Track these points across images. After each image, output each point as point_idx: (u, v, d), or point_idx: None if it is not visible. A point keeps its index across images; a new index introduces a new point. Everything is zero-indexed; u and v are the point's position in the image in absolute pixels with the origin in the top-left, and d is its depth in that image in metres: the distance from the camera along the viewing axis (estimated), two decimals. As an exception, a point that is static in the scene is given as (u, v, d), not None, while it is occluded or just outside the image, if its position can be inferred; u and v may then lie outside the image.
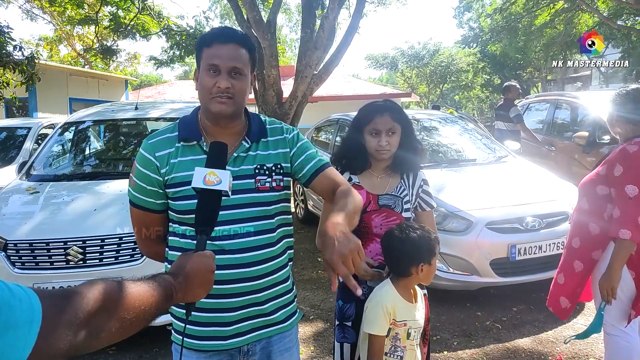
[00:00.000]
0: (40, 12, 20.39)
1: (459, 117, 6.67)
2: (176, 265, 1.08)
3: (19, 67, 8.62)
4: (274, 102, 7.01)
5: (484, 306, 3.95)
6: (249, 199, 1.47)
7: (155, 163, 1.46)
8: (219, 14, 28.74)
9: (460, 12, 31.02)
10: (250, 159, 1.50)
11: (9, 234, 3.18)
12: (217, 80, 1.39)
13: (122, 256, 3.16)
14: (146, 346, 3.36)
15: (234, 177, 1.44)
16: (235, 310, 1.48)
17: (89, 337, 0.75)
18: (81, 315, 0.74)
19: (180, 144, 1.47)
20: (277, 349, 1.57)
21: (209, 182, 1.16)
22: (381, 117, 1.94)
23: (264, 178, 1.49)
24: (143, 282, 0.92)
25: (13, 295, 0.66)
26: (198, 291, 1.07)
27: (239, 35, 1.46)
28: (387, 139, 1.92)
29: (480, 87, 33.01)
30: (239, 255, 1.45)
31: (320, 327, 3.72)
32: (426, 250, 1.78)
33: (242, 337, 1.51)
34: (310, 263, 5.22)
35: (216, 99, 1.40)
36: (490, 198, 4.03)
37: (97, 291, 0.80)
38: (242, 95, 1.44)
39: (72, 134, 4.93)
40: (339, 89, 18.91)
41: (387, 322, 1.78)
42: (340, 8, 6.86)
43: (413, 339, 1.83)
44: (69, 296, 0.76)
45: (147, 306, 0.88)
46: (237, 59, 1.41)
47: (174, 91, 20.53)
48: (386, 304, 1.77)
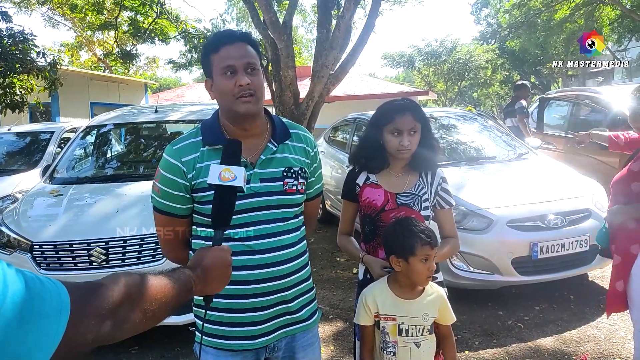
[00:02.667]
0: (61, 19, 20.83)
1: (478, 114, 6.60)
2: (194, 259, 1.11)
3: (42, 73, 8.84)
4: (290, 102, 7.03)
5: (505, 305, 3.90)
6: (278, 201, 1.50)
7: (181, 168, 1.47)
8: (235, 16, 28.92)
9: (478, 8, 30.66)
10: (278, 161, 1.52)
11: (34, 236, 3.26)
12: (236, 80, 1.40)
13: (144, 257, 3.21)
14: (168, 345, 3.40)
15: (262, 180, 1.47)
16: (266, 309, 1.51)
17: (113, 327, 0.78)
18: (106, 306, 0.77)
19: (205, 148, 1.49)
20: (301, 344, 1.62)
21: (224, 179, 1.18)
22: (403, 117, 1.92)
23: (291, 181, 1.52)
24: (164, 275, 0.96)
25: (44, 287, 0.69)
26: (216, 284, 1.10)
27: (241, 34, 1.49)
28: (409, 139, 1.91)
29: (499, 83, 32.53)
30: (268, 255, 1.48)
31: (340, 326, 3.72)
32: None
33: (271, 336, 1.55)
34: (329, 263, 5.22)
35: (240, 99, 1.42)
36: (511, 196, 3.98)
37: (121, 283, 0.83)
38: (261, 90, 1.47)
39: (93, 137, 5.03)
40: (356, 88, 18.85)
41: (368, 314, 1.85)
42: (356, 7, 6.84)
43: (409, 336, 1.81)
44: (95, 288, 0.79)
45: (168, 298, 0.92)
46: (248, 55, 1.43)
47: (193, 94, 20.71)
48: (365, 297, 1.86)
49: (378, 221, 1.97)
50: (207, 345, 1.53)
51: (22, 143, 6.78)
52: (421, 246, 1.74)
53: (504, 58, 28.59)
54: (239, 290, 1.47)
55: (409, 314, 1.81)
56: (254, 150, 1.51)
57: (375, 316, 1.85)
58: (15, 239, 3.30)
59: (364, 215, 2.04)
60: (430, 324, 1.84)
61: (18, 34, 8.64)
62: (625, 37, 20.94)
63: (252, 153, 1.50)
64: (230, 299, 1.48)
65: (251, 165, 1.48)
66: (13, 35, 8.60)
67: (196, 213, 1.53)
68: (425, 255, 1.75)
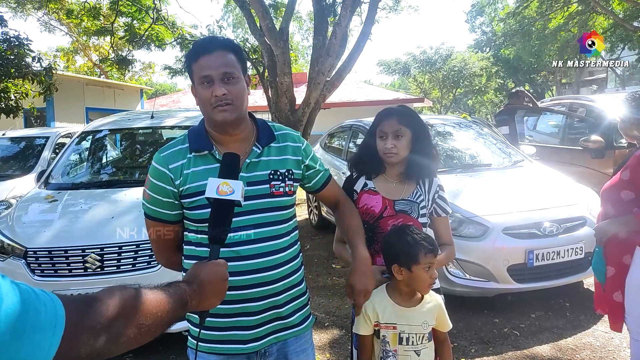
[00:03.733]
0: (57, 24, 20.83)
1: (473, 121, 6.62)
2: (190, 274, 1.10)
3: (38, 78, 8.81)
4: (286, 109, 7.04)
5: (501, 313, 3.90)
6: (265, 204, 1.49)
7: (169, 175, 1.48)
8: (231, 22, 29.00)
9: (473, 16, 30.91)
10: (264, 164, 1.52)
11: (28, 242, 3.24)
12: (212, 90, 1.41)
13: (139, 263, 3.19)
14: (162, 353, 3.37)
15: (249, 183, 1.47)
16: (257, 314, 1.51)
17: (108, 342, 0.77)
18: (102, 321, 0.76)
19: (192, 154, 1.50)
20: (294, 350, 1.60)
21: (222, 192, 1.18)
22: (388, 120, 1.97)
23: (278, 183, 1.52)
24: (159, 290, 0.94)
25: (39, 300, 0.68)
26: (212, 300, 1.09)
27: (221, 41, 1.49)
28: (394, 142, 1.93)
29: (494, 91, 32.79)
30: (257, 261, 1.48)
31: (336, 333, 3.71)
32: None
33: (262, 341, 1.54)
34: (325, 270, 5.21)
35: (217, 108, 1.43)
36: (506, 203, 3.99)
37: (116, 298, 0.82)
38: (240, 98, 1.46)
39: (89, 143, 5.01)
40: (352, 95, 18.93)
41: (368, 323, 1.82)
42: (352, 15, 6.90)
43: (409, 345, 1.80)
44: (90, 302, 0.78)
45: (163, 313, 0.90)
46: (225, 65, 1.43)
47: (188, 99, 20.71)
48: (365, 306, 1.80)
49: (376, 228, 1.96)
50: (199, 351, 1.52)
51: (17, 148, 6.75)
52: (425, 254, 1.74)
53: (499, 66, 28.83)
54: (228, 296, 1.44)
55: (409, 322, 1.80)
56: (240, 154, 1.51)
57: (375, 325, 1.82)
58: (9, 244, 3.27)
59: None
60: (429, 331, 1.83)
61: (13, 39, 8.61)
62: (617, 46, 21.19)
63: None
64: (220, 304, 1.47)
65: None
66: (8, 40, 8.58)
67: (186, 219, 1.54)
68: (429, 264, 1.75)
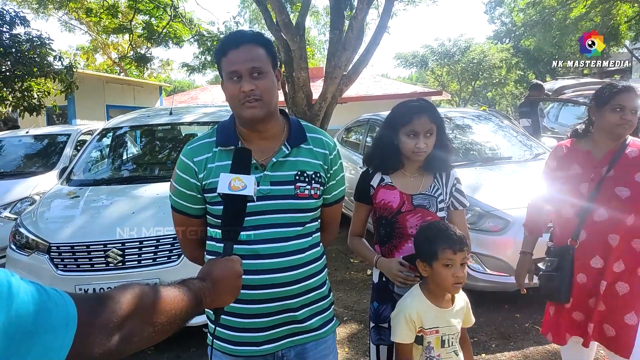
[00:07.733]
0: (77, 23, 21.16)
1: (491, 114, 6.52)
2: (204, 271, 1.08)
3: (59, 77, 8.98)
4: (303, 104, 7.03)
5: (522, 308, 3.85)
6: (288, 205, 1.46)
7: (193, 168, 1.47)
8: (248, 18, 29.05)
9: (492, 7, 30.37)
10: (290, 164, 1.48)
11: (52, 237, 3.30)
12: (240, 85, 1.38)
13: (159, 257, 3.23)
14: (184, 346, 3.42)
15: (273, 183, 1.44)
16: (269, 315, 1.47)
17: (122, 341, 0.76)
18: (115, 320, 0.75)
19: (217, 148, 1.48)
20: (313, 356, 1.55)
21: (234, 188, 1.17)
22: (420, 119, 1.88)
23: (304, 185, 1.48)
24: (174, 287, 0.93)
25: (50, 299, 0.67)
26: (225, 297, 1.08)
27: (250, 35, 1.44)
28: (425, 141, 1.88)
29: (514, 83, 32.23)
30: (274, 260, 1.45)
31: (355, 328, 3.70)
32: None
33: (276, 343, 1.50)
34: (343, 264, 5.20)
35: (245, 104, 1.39)
36: (527, 196, 3.91)
37: (130, 296, 0.80)
38: (269, 94, 1.42)
39: (109, 139, 5.09)
40: (369, 89, 18.80)
41: (412, 330, 1.74)
42: (369, 8, 6.83)
43: (449, 346, 1.77)
44: (103, 300, 0.77)
45: (178, 310, 0.89)
46: (254, 59, 1.39)
47: (206, 96, 20.88)
48: (409, 312, 1.74)
49: (394, 223, 1.94)
50: (216, 349, 1.51)
51: (40, 145, 6.88)
52: (442, 250, 1.69)
53: (519, 57, 28.30)
54: (245, 295, 1.41)
55: (449, 323, 1.77)
56: (267, 152, 1.48)
57: (419, 331, 1.75)
58: (33, 240, 3.35)
59: (378, 217, 2.01)
60: (460, 330, 1.82)
61: (36, 39, 8.79)
62: (642, 34, 20.60)
63: (265, 155, 1.48)
64: (234, 302, 1.47)
65: (262, 168, 1.46)
66: (31, 40, 8.75)
67: (207, 214, 1.53)
68: (448, 260, 1.69)
